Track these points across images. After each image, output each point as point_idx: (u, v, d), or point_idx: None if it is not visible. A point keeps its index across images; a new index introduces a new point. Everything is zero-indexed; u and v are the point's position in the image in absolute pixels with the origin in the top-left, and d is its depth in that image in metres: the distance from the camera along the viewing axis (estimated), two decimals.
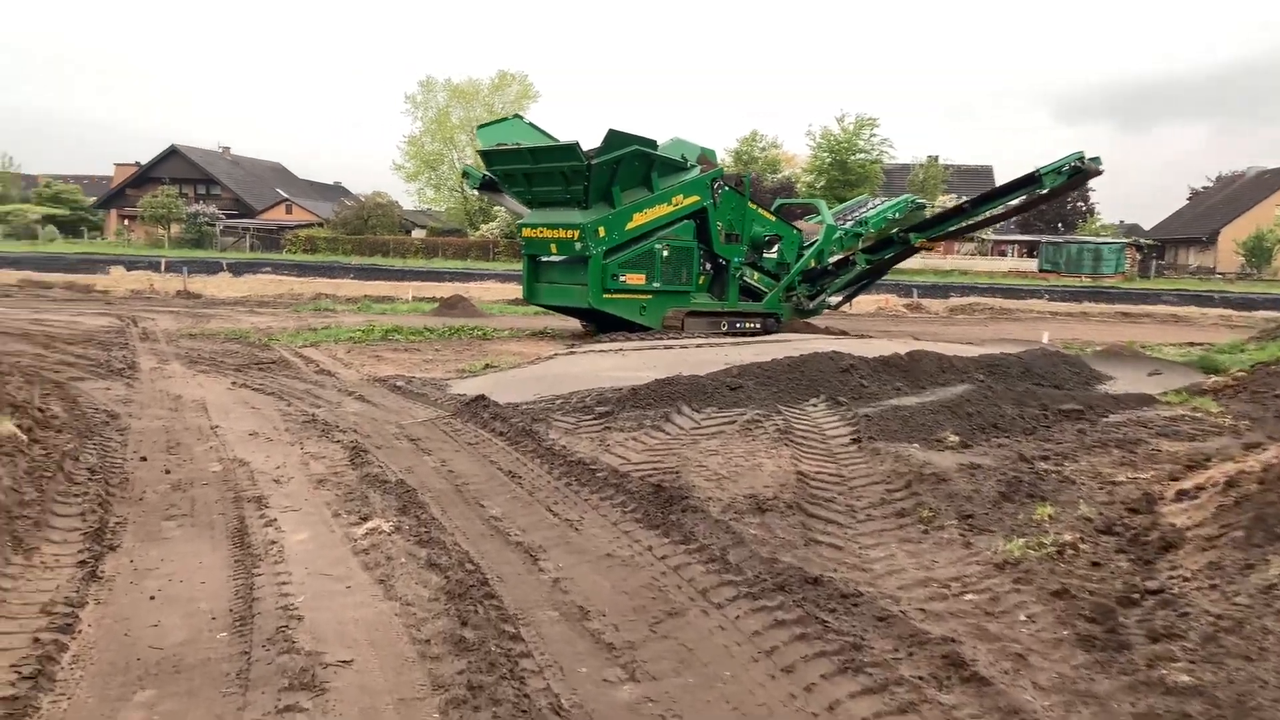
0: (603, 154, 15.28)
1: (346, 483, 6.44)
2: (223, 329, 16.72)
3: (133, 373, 11.08)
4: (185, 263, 35.76)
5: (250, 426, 8.15)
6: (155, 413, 8.65)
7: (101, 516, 5.36)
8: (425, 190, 77.12)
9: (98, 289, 29.32)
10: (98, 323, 17.22)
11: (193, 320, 18.59)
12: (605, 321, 16.64)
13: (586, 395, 9.06)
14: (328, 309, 22.63)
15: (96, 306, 22.01)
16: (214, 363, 12.28)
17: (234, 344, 14.59)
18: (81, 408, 8.29)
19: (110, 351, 12.93)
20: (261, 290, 29.92)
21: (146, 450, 7.09)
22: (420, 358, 13.55)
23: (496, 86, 74.56)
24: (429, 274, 37.87)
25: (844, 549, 5.28)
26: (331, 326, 17.47)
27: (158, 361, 12.25)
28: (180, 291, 28.85)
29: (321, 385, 10.66)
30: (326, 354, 13.60)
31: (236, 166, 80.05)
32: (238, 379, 10.90)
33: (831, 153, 60.28)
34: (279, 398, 9.68)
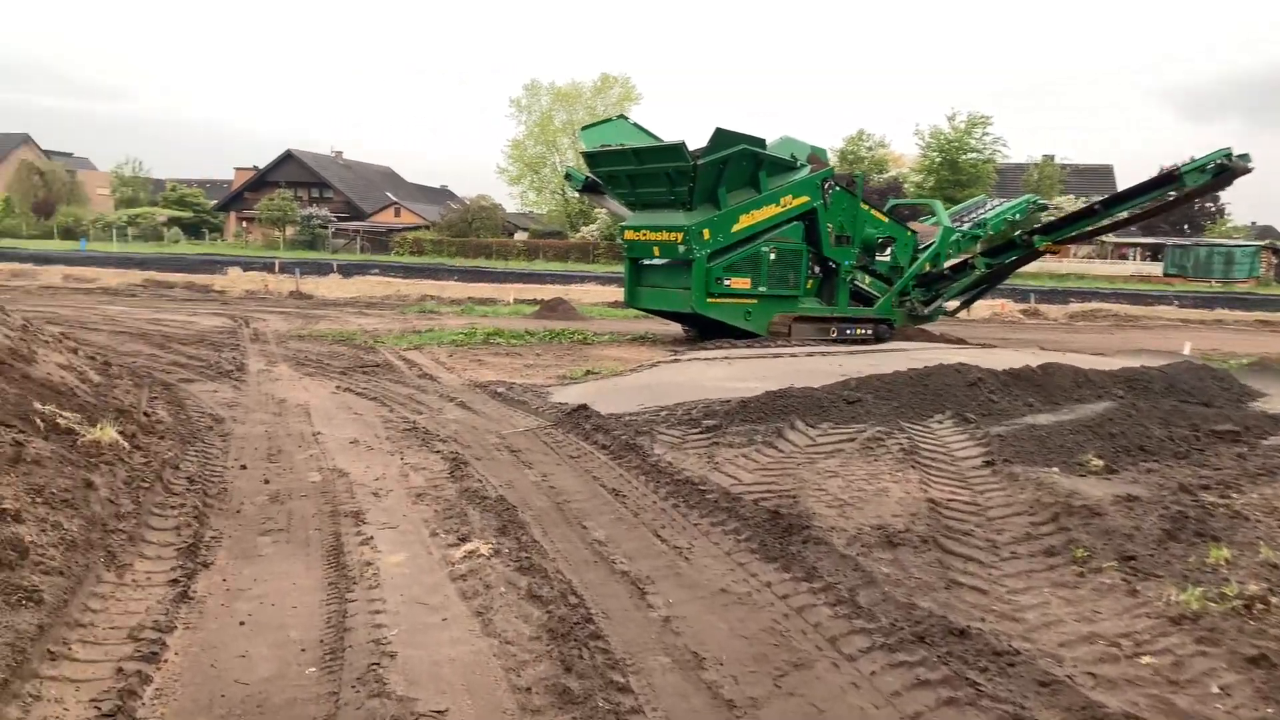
0: (709, 154, 14.82)
1: (445, 497, 6.16)
2: (330, 330, 16.91)
3: (241, 375, 11.16)
4: (298, 264, 36.81)
5: (351, 433, 7.99)
6: (259, 417, 8.59)
7: (197, 531, 5.19)
8: (528, 193, 78.11)
9: (215, 289, 30.38)
10: (212, 323, 17.65)
11: (302, 321, 18.91)
12: (708, 327, 16.17)
13: (693, 407, 8.62)
14: (432, 311, 22.81)
15: (213, 306, 22.69)
16: (320, 365, 12.32)
17: (340, 346, 14.69)
18: (187, 411, 8.28)
19: (221, 353, 13.12)
20: (370, 292, 30.50)
21: (247, 458, 6.96)
22: (521, 362, 13.35)
23: (599, 89, 74.94)
24: (530, 276, 38.11)
25: (989, 593, 4.70)
26: (435, 329, 17.50)
27: (266, 363, 12.35)
28: (293, 292, 29.62)
29: (423, 390, 10.51)
30: (429, 357, 13.53)
31: (348, 170, 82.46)
32: (342, 382, 10.85)
33: (941, 152, 58.40)
34: (381, 403, 9.55)
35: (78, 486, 4.88)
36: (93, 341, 13.62)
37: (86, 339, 13.87)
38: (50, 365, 6.81)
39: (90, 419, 6.19)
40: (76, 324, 16.27)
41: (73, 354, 7.80)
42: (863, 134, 65.98)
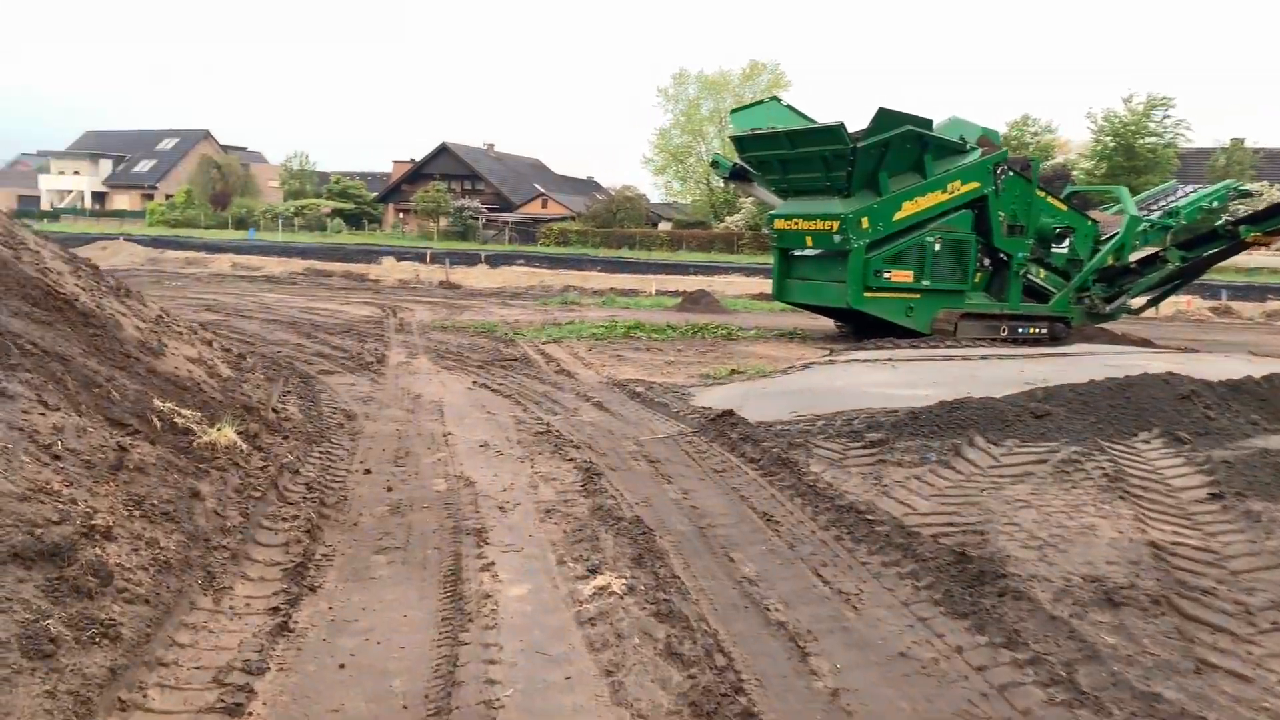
0: (869, 136, 13.71)
1: (576, 515, 5.52)
2: (473, 322, 16.75)
3: (380, 367, 10.94)
4: (448, 254, 37.52)
5: (482, 436, 7.50)
6: (392, 414, 8.24)
7: (308, 547, 4.73)
8: (672, 183, 77.58)
9: (370, 278, 31.20)
10: (361, 313, 17.83)
11: (447, 311, 18.89)
12: (865, 323, 15.08)
13: (853, 417, 7.71)
14: (574, 303, 22.51)
15: (365, 296, 23.12)
16: (459, 358, 12.02)
17: (481, 338, 14.43)
18: (320, 407, 8.00)
19: (365, 343, 13.04)
20: (515, 282, 30.63)
21: (373, 461, 6.55)
22: (661, 359, 12.68)
23: (747, 76, 73.58)
24: (673, 267, 37.54)
25: (1255, 681, 3.67)
26: (575, 322, 17.08)
27: (406, 355, 12.15)
28: (442, 282, 30.07)
29: (559, 388, 9.98)
30: (568, 351, 13.05)
31: (499, 163, 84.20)
32: (478, 378, 10.47)
33: (1115, 136, 54.19)
34: (515, 401, 9.06)
35: (182, 496, 4.49)
36: (244, 330, 13.84)
37: (239, 327, 14.12)
38: (179, 359, 6.59)
39: (212, 417, 5.89)
40: (233, 311, 16.73)
41: (206, 346, 7.63)
42: (1027, 118, 62.13)
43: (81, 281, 6.59)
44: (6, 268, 5.68)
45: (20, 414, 4.22)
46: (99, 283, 6.93)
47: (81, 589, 3.41)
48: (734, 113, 16.91)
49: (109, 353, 5.83)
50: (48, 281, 6.02)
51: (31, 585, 3.31)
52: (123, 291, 7.26)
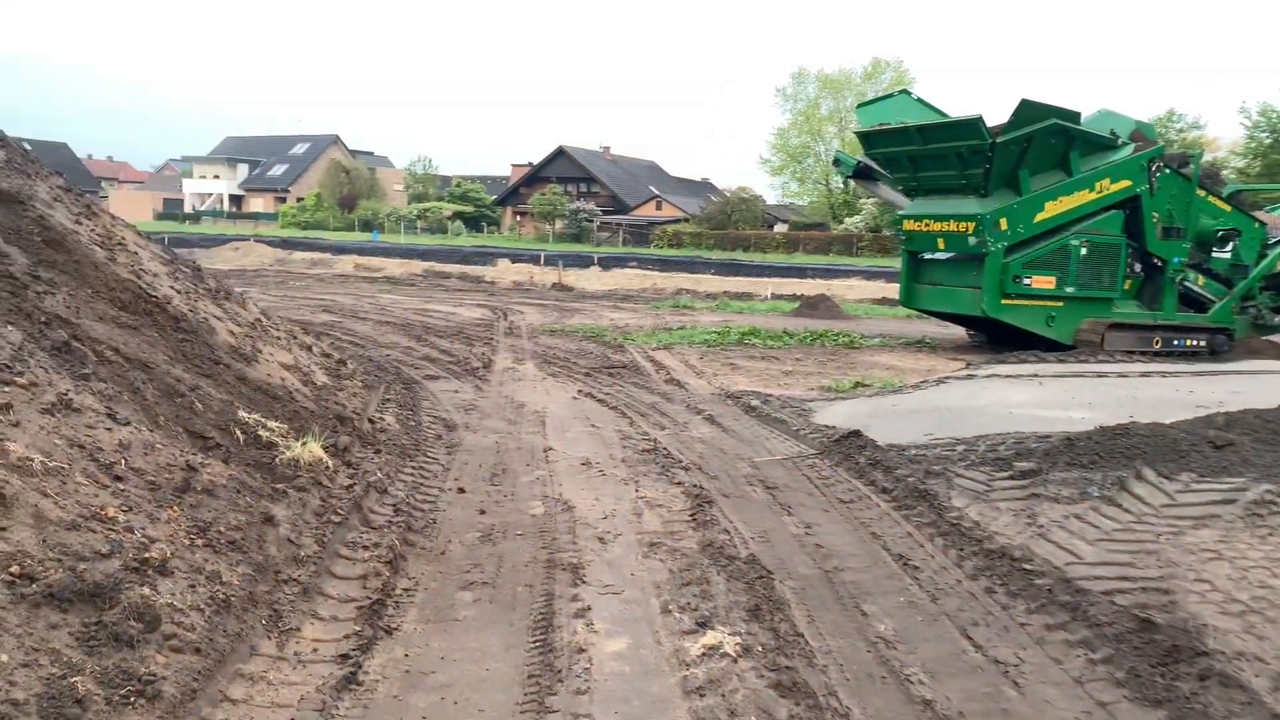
0: (1010, 130, 12.64)
1: (684, 551, 4.93)
2: (582, 326, 16.37)
3: (486, 372, 10.61)
4: (561, 256, 37.52)
5: (585, 452, 6.99)
6: (493, 425, 7.82)
7: (388, 581, 4.28)
8: (789, 184, 76.32)
9: (486, 279, 31.40)
10: (472, 315, 17.70)
11: (558, 314, 18.60)
12: (1000, 333, 13.99)
13: (998, 441, 6.86)
14: (686, 306, 21.93)
15: (479, 297, 23.12)
16: (566, 364, 11.59)
17: (589, 343, 14.00)
18: (419, 416, 7.65)
19: (473, 347, 12.78)
20: (626, 284, 30.28)
21: (468, 479, 6.10)
22: (778, 368, 11.96)
23: (869, 74, 71.68)
24: (789, 270, 36.53)
25: None
26: (687, 327, 16.49)
27: (513, 360, 11.80)
28: (555, 284, 30.00)
29: (669, 399, 9.41)
30: (679, 359, 12.48)
31: (614, 165, 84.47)
32: (584, 386, 9.99)
33: (1273, 132, 50.18)
34: (621, 413, 8.53)
35: (253, 522, 4.10)
36: (356, 332, 13.79)
37: (351, 329, 14.10)
38: (272, 365, 6.31)
39: (300, 429, 5.55)
40: (349, 313, 16.82)
41: (305, 351, 7.37)
42: (1173, 114, 58.27)
43: (178, 284, 6.38)
44: (98, 270, 5.47)
45: (84, 429, 3.91)
46: (197, 285, 6.73)
47: (122, 637, 3.01)
48: (860, 107, 15.98)
49: (197, 359, 5.56)
50: (141, 284, 5.80)
51: (65, 632, 2.93)
52: (221, 294, 7.06)
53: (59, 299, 4.92)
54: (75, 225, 5.90)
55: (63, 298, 4.96)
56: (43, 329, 4.50)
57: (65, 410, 3.92)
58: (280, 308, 17.37)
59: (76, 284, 5.21)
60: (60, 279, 5.12)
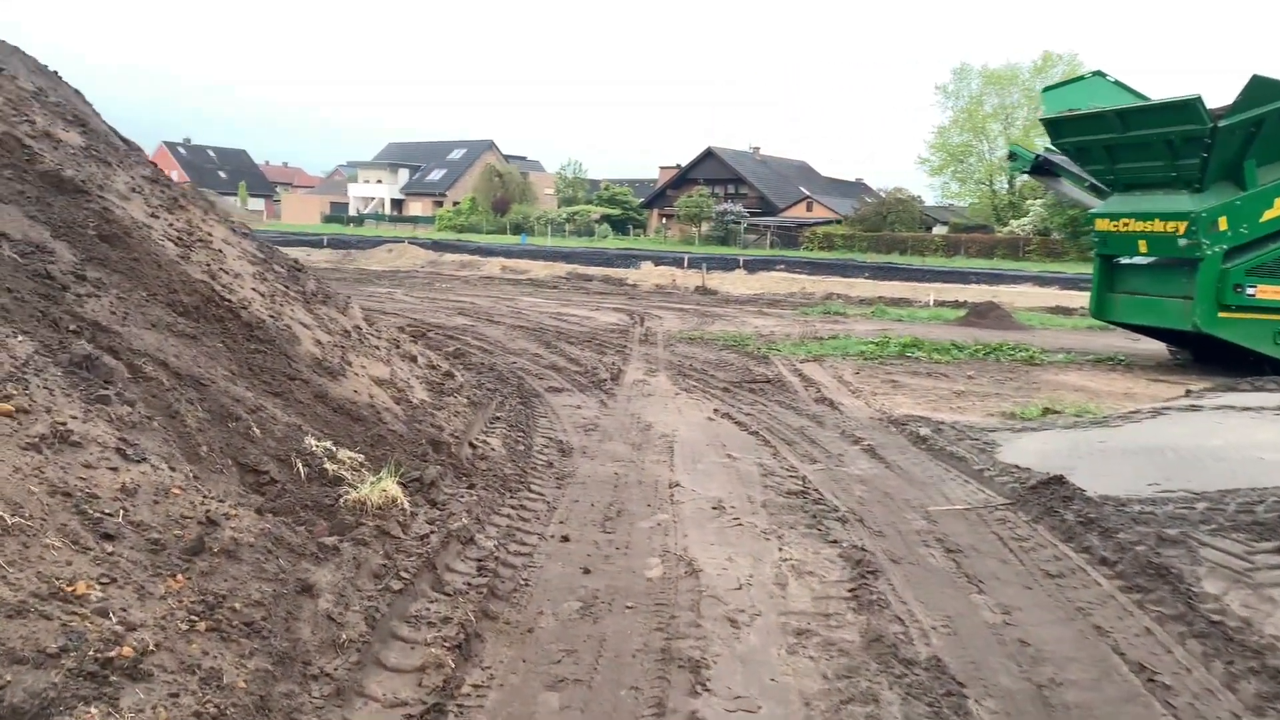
0: (1237, 112, 10.68)
1: (843, 646, 3.74)
2: (724, 333, 15.23)
3: (614, 385, 9.64)
4: (705, 259, 36.46)
5: (718, 491, 5.87)
6: (614, 450, 6.82)
7: (451, 675, 3.30)
8: (949, 184, 72.83)
9: (628, 282, 30.76)
10: (608, 319, 16.87)
11: (697, 320, 17.54)
12: (1209, 350, 11.98)
13: (1254, 499, 5.31)
14: (838, 313, 20.43)
15: (618, 301, 22.35)
16: (702, 378, 10.50)
17: (731, 353, 12.86)
18: (531, 438, 6.73)
19: (604, 355, 11.88)
20: (773, 288, 28.95)
21: (575, 523, 5.10)
22: (948, 387, 10.48)
23: (1039, 69, 67.39)
24: (950, 274, 34.16)
25: None
26: (840, 336, 15.09)
27: (645, 371, 10.80)
28: (698, 288, 29.02)
29: (820, 422, 8.17)
30: (831, 373, 11.17)
31: (764, 166, 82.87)
32: (722, 404, 8.87)
33: None
34: (764, 440, 7.36)
35: (284, 593, 3.21)
36: (486, 337, 13.15)
37: (482, 334, 13.47)
38: (361, 380, 5.50)
39: (379, 458, 4.68)
40: (483, 316, 16.29)
41: (408, 363, 6.57)
42: None
43: (265, 286, 5.68)
44: (161, 269, 4.78)
45: (79, 469, 3.10)
46: (289, 287, 6.03)
47: None
48: (1047, 91, 14.11)
49: (268, 374, 4.78)
50: (215, 286, 5.09)
51: None
52: (318, 298, 6.35)
53: (103, 303, 4.21)
54: (149, 219, 5.26)
55: (109, 301, 4.25)
56: (67, 339, 3.77)
57: (58, 444, 3.12)
58: (418, 310, 17.07)
59: (130, 285, 4.51)
60: (111, 279, 4.43)
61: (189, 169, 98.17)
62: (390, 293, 20.96)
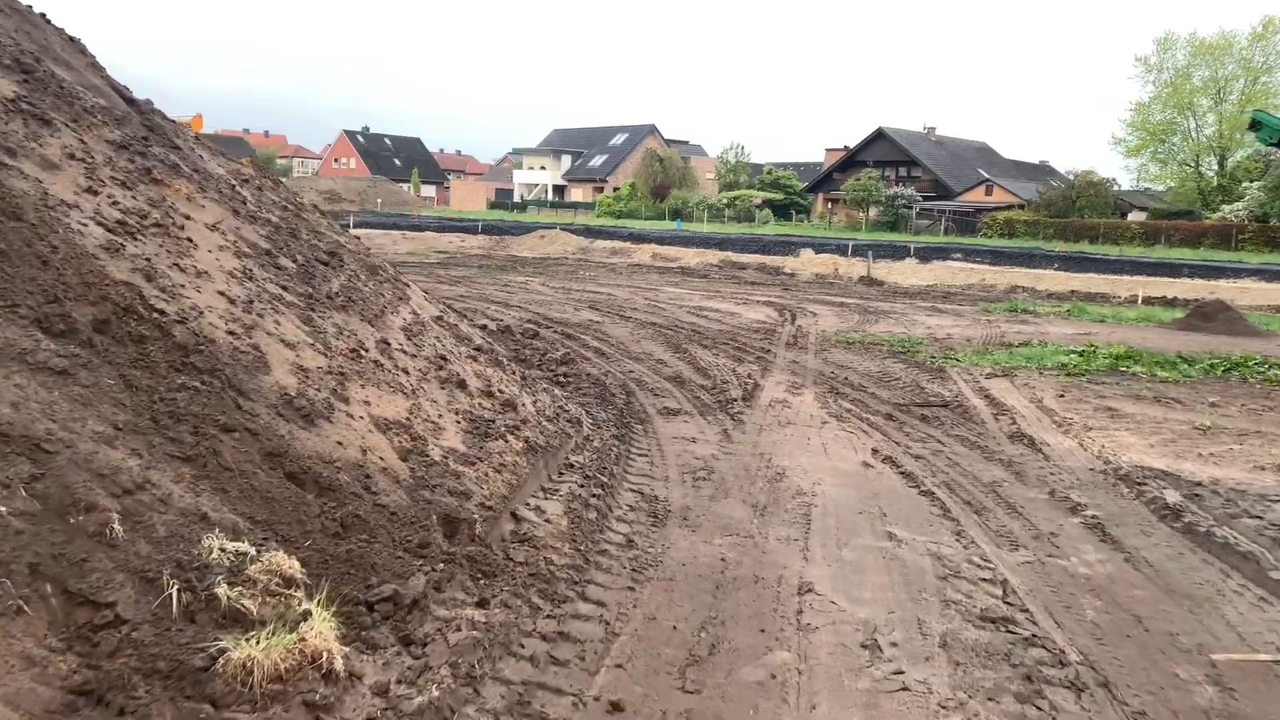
0: None
1: None
2: (889, 335, 12.99)
3: (745, 407, 7.76)
4: (872, 246, 33.71)
5: (872, 610, 3.91)
6: (726, 517, 4.97)
7: None
8: (1147, 166, 66.12)
9: (785, 271, 28.69)
10: (755, 316, 14.90)
11: (859, 318, 15.30)
12: None
13: None
14: (1026, 311, 17.63)
15: (771, 292, 20.31)
16: (860, 397, 8.45)
17: (897, 362, 10.67)
18: (613, 496, 4.97)
19: (740, 364, 9.98)
20: (948, 280, 26.16)
21: (638, 671, 3.28)
22: (1186, 419, 7.99)
23: (1258, 36, 59.86)
24: (1153, 266, 29.95)
25: None
26: (1032, 342, 12.55)
27: (788, 387, 8.84)
28: (862, 278, 26.63)
29: (1020, 474, 6.02)
30: (1026, 394, 8.86)
31: (939, 147, 78.04)
32: (883, 440, 6.83)
33: None
34: (941, 507, 5.30)
35: None
36: (609, 336, 11.53)
37: (606, 333, 11.86)
38: (356, 425, 3.88)
39: (336, 562, 3.03)
40: (615, 310, 14.68)
41: (453, 391, 4.91)
42: None
43: (244, 288, 4.15)
44: (48, 267, 3.29)
45: None
46: (291, 288, 4.49)
47: None
48: None
49: (190, 423, 3.22)
50: (144, 291, 3.58)
51: None
52: (338, 301, 4.80)
53: None
54: (77, 195, 3.83)
55: None
56: None
57: None
58: (547, 302, 15.67)
59: None
60: None
61: (366, 156, 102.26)
62: (527, 282, 19.73)
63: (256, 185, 6.75)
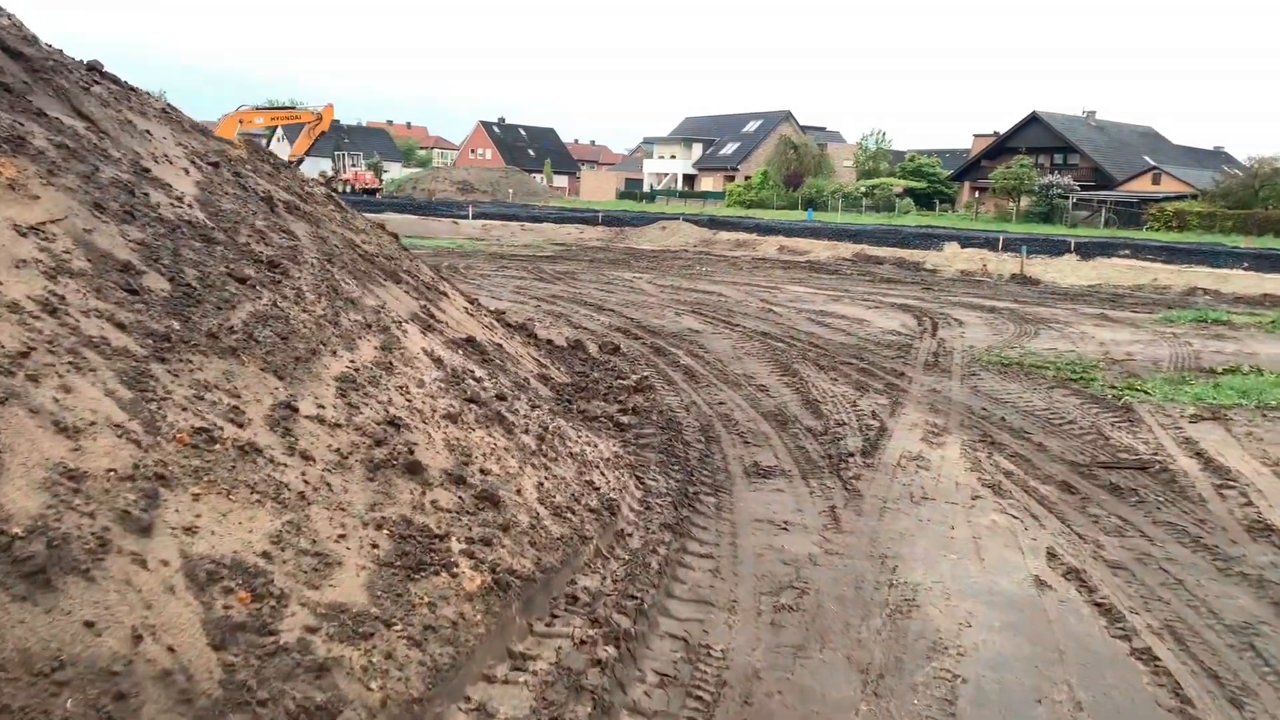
0: None
1: None
2: (1052, 354, 10.65)
3: (865, 465, 5.82)
4: (1025, 240, 30.51)
5: None
6: (814, 696, 3.12)
7: None
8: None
9: (926, 266, 26.11)
10: (887, 323, 12.75)
11: (1014, 328, 12.92)
12: None
13: None
14: (1218, 320, 14.73)
15: (908, 292, 17.97)
16: (1021, 449, 6.36)
17: (1068, 394, 8.44)
18: (621, 665, 3.19)
19: (864, 393, 7.99)
20: (1115, 279, 23.02)
21: None
22: None
23: None
24: None
25: None
26: (1240, 367, 9.96)
27: (925, 433, 6.81)
28: (1014, 275, 23.83)
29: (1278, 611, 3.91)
30: (1253, 452, 6.55)
31: (1100, 133, 72.18)
32: (1062, 537, 4.78)
33: None
34: (1175, 694, 3.28)
35: None
36: (707, 352, 9.72)
37: (704, 345, 10.06)
38: (127, 589, 2.24)
39: None
40: (722, 316, 12.82)
41: (399, 480, 3.22)
42: None
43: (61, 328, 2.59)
44: None
45: None
46: (136, 322, 2.91)
47: None
48: None
49: None
50: None
51: None
52: (228, 342, 3.17)
53: None
54: None
55: None
56: None
57: None
58: (648, 304, 13.97)
59: None
60: None
61: (501, 147, 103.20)
62: (634, 280, 18.07)
63: (233, 171, 5.30)
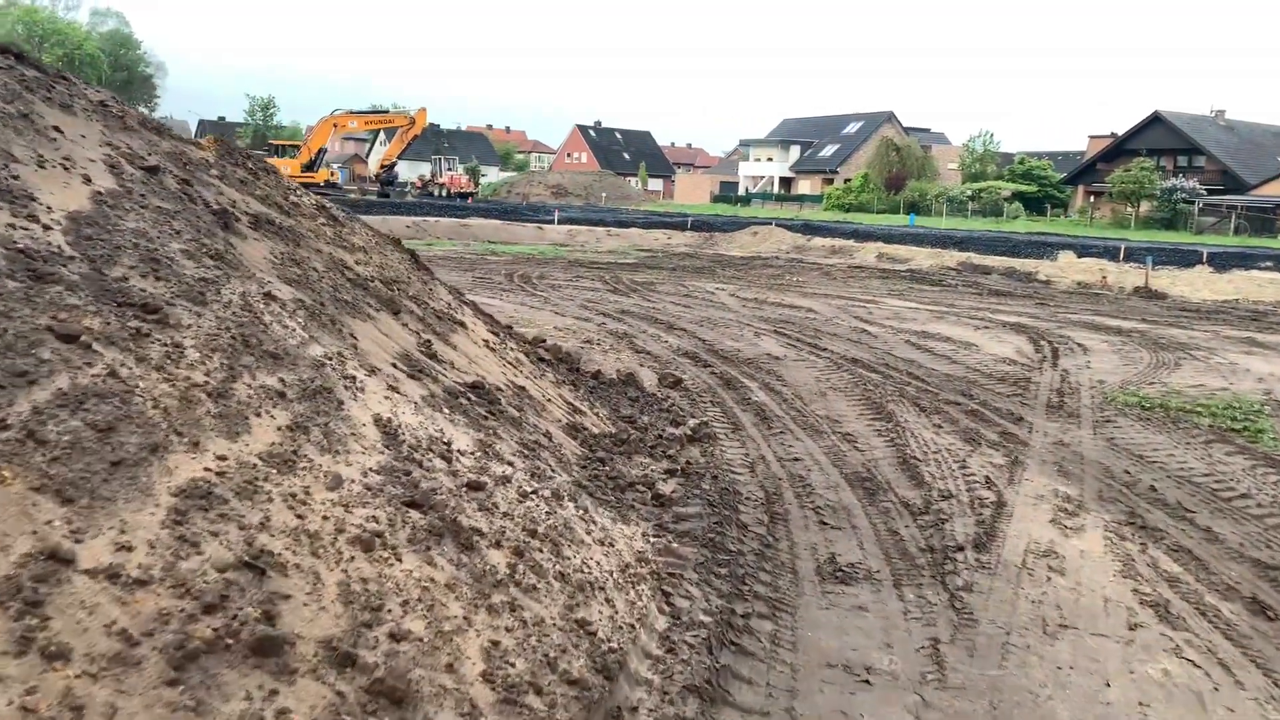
0: None
1: None
2: (1201, 392, 8.94)
3: (980, 570, 4.43)
4: (1149, 249, 28.01)
5: None
6: None
7: None
8: None
9: (1038, 277, 24.05)
10: (999, 349, 11.14)
11: (1150, 356, 11.15)
12: None
13: None
14: None
15: (1021, 308, 16.17)
16: (1186, 540, 4.87)
17: (1231, 450, 6.82)
18: None
19: (975, 448, 6.53)
20: (1255, 293, 20.60)
21: None
22: None
23: None
24: None
25: None
26: None
27: (1055, 511, 5.35)
28: (1138, 288, 21.61)
29: None
30: None
31: (1229, 133, 67.38)
32: (1265, 701, 3.34)
33: None
34: None
35: None
36: (785, 385, 8.40)
37: (782, 376, 8.74)
38: None
39: None
40: (808, 337, 11.43)
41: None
42: None
43: None
44: None
45: None
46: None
47: None
48: None
49: None
50: None
51: None
52: None
53: None
54: None
55: None
56: None
57: None
58: (726, 321, 12.68)
59: None
60: None
61: (596, 150, 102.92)
62: (715, 292, 16.77)
63: (181, 178, 4.32)
